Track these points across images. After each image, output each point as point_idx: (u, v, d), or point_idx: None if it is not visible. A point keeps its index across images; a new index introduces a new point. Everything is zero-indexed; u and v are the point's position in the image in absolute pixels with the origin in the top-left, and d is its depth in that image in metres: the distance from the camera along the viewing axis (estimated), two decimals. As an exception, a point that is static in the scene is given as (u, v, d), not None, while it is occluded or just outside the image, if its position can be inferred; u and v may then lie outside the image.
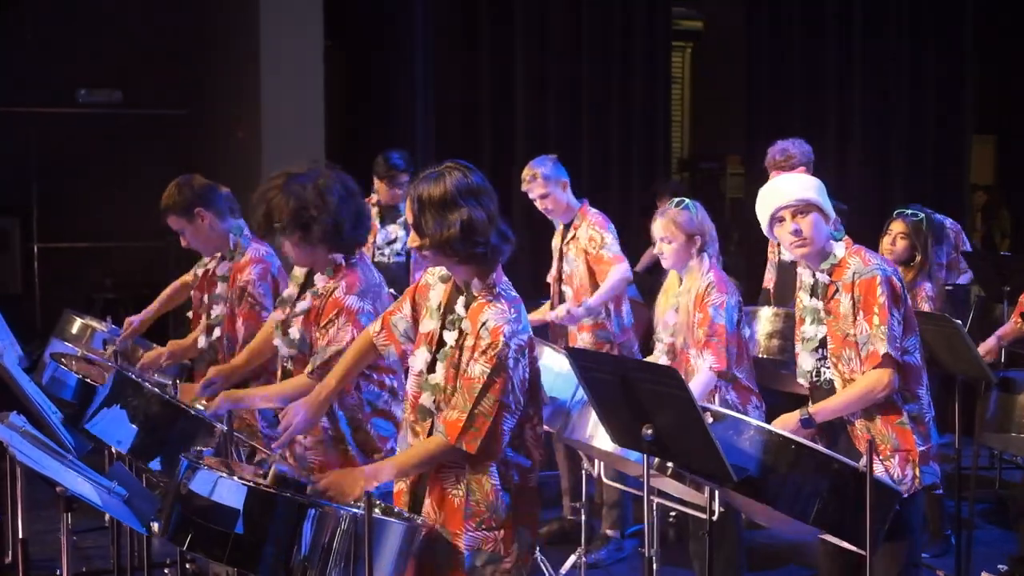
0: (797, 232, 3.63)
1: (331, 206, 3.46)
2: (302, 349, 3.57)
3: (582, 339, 5.41)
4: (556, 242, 5.65)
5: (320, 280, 3.58)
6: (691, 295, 4.34)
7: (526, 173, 5.52)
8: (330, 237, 3.48)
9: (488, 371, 2.93)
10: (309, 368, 3.50)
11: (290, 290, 3.72)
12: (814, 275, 3.72)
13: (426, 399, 3.07)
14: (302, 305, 3.60)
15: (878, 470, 3.44)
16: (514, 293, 3.08)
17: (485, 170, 9.88)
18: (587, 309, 5.29)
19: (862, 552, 3.28)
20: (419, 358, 3.11)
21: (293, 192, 3.46)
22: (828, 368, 3.69)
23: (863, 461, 3.30)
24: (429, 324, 3.12)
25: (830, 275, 3.66)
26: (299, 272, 3.72)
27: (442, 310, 3.10)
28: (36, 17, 9.38)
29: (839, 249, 3.67)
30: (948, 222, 6.67)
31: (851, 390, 3.61)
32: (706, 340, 4.23)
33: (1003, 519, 6.01)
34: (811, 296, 3.73)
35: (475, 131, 9.23)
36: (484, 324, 2.96)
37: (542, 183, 5.45)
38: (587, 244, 5.40)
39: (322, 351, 3.47)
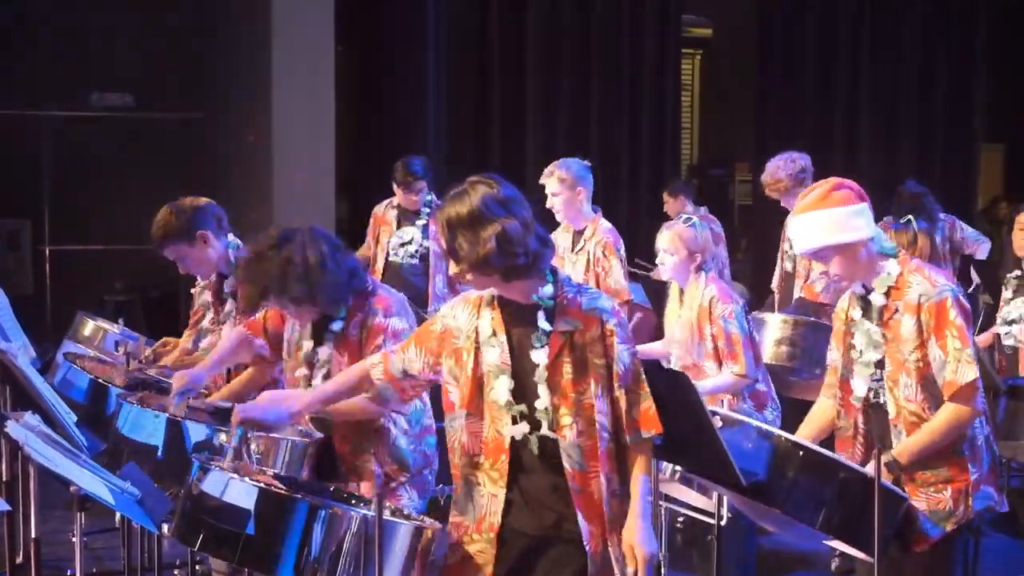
0: (826, 274, 3.63)
1: (321, 270, 3.39)
2: None
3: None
4: (565, 243, 5.60)
5: (337, 325, 3.52)
6: (693, 312, 4.42)
7: (549, 168, 5.52)
8: (330, 296, 3.45)
9: (632, 350, 2.94)
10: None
11: (307, 347, 3.62)
12: (868, 294, 3.47)
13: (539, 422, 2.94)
14: (324, 354, 3.56)
15: (923, 506, 3.35)
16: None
17: (495, 174, 9.86)
18: None
19: (870, 559, 3.28)
20: (501, 388, 2.95)
21: (279, 265, 3.37)
22: (884, 391, 3.45)
23: (870, 466, 3.30)
24: (493, 353, 2.96)
25: (887, 296, 3.41)
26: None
27: (507, 335, 2.95)
28: (49, 21, 9.43)
29: (892, 267, 3.42)
30: (941, 214, 6.62)
31: (936, 425, 3.34)
32: (728, 351, 4.31)
33: (1012, 528, 6.00)
34: (863, 314, 3.49)
35: (485, 136, 9.27)
36: (602, 310, 2.92)
37: (556, 183, 5.44)
38: (594, 263, 5.44)
39: None
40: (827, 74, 10.21)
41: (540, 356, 2.91)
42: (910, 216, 5.23)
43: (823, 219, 3.39)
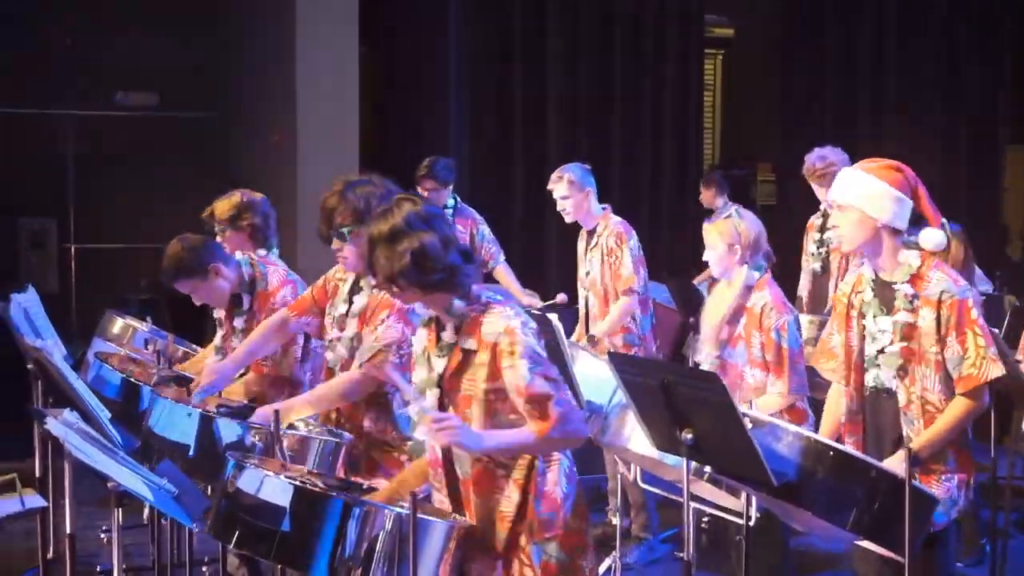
0: (834, 227, 3.66)
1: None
2: (351, 352, 3.64)
3: (612, 343, 5.52)
4: (580, 247, 5.81)
5: (368, 283, 3.62)
6: (727, 303, 4.33)
7: (555, 174, 5.74)
8: None
9: (528, 364, 2.91)
10: (357, 363, 3.56)
11: (340, 309, 3.74)
12: (891, 284, 3.54)
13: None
14: (359, 303, 3.65)
15: (935, 491, 3.41)
16: (499, 296, 3.05)
17: (517, 175, 10.04)
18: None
19: (900, 559, 3.29)
20: (430, 402, 3.05)
21: (358, 196, 3.53)
22: (894, 379, 3.54)
23: (901, 467, 3.31)
24: (420, 372, 3.08)
25: (911, 286, 3.50)
26: (343, 288, 3.76)
27: (427, 353, 3.06)
28: (74, 21, 9.49)
29: (913, 258, 3.51)
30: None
31: (951, 418, 3.46)
32: (775, 366, 4.21)
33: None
34: (878, 302, 3.56)
35: (508, 137, 9.29)
36: (492, 333, 2.94)
37: (566, 186, 5.65)
38: (607, 254, 5.57)
39: (369, 346, 3.54)
40: (850, 74, 10.19)
41: (438, 365, 3.01)
42: (943, 220, 5.21)
43: (869, 182, 3.52)
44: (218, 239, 4.50)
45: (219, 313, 4.48)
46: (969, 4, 10.27)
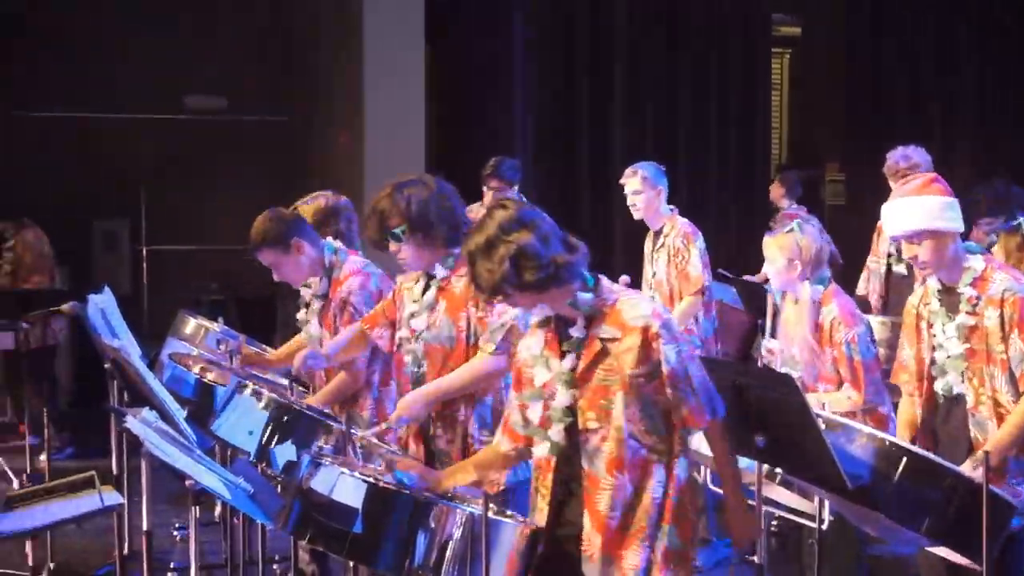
0: (914, 259, 3.61)
1: (447, 204, 3.55)
2: (441, 340, 3.59)
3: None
4: (647, 247, 5.81)
5: (441, 271, 3.61)
6: (804, 327, 4.24)
7: (629, 169, 5.75)
8: (453, 234, 3.54)
9: (676, 349, 2.92)
10: (490, 347, 3.50)
11: (409, 308, 3.72)
12: (956, 290, 3.58)
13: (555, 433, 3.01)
14: (428, 297, 3.64)
15: (1008, 494, 3.36)
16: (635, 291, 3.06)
17: (582, 174, 9.98)
18: None
19: (977, 567, 3.25)
20: (535, 412, 3.03)
21: (407, 196, 3.54)
22: (962, 383, 3.55)
23: (977, 472, 3.27)
24: (543, 375, 3.03)
25: (974, 288, 3.53)
26: (415, 288, 3.74)
27: (546, 353, 3.02)
28: (144, 26, 9.65)
29: (977, 262, 3.55)
30: None
31: (1018, 419, 3.44)
32: (850, 378, 4.12)
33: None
34: (945, 309, 3.59)
35: (573, 137, 9.29)
36: (634, 318, 2.92)
37: (640, 181, 5.67)
38: (674, 254, 5.57)
39: (495, 328, 3.49)
40: (918, 71, 10.05)
41: (568, 362, 2.97)
42: (1021, 219, 5.13)
43: (923, 204, 3.56)
44: (328, 240, 4.49)
45: (306, 294, 4.49)
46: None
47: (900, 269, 6.09)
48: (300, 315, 4.50)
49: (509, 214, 2.92)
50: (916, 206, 3.56)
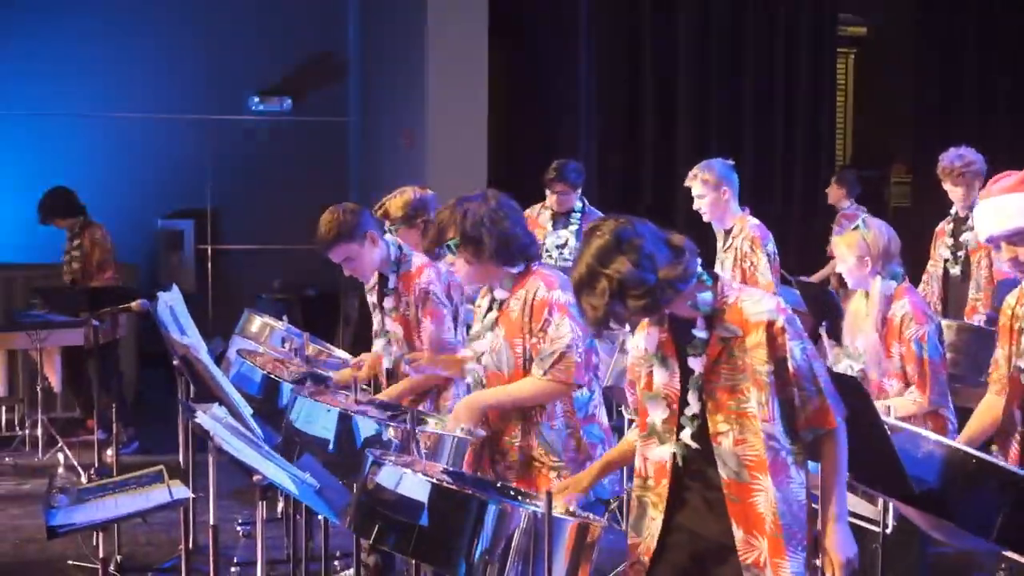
0: (1013, 260, 3.54)
1: (502, 222, 3.50)
2: (500, 366, 3.58)
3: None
4: (719, 245, 5.71)
5: (501, 294, 3.59)
6: (872, 320, 4.22)
7: (692, 171, 5.60)
8: (503, 252, 3.50)
9: (801, 345, 2.85)
10: (540, 371, 3.47)
11: (476, 328, 3.71)
12: None
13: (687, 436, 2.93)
14: (488, 320, 3.62)
15: None
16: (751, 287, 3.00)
17: (646, 175, 9.94)
18: None
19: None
20: (658, 414, 2.98)
21: (464, 210, 3.51)
22: None
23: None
24: (661, 375, 2.98)
25: None
26: (483, 305, 3.73)
27: (662, 353, 2.96)
28: (209, 29, 9.79)
29: None
30: None
31: None
32: (917, 378, 4.11)
33: None
34: None
35: (637, 137, 9.27)
36: (757, 314, 2.85)
37: (700, 184, 5.53)
38: (741, 258, 5.45)
39: (547, 353, 3.45)
40: (988, 71, 9.90)
41: (696, 364, 2.90)
42: None
43: (1019, 201, 3.42)
44: (388, 237, 4.52)
45: (372, 298, 4.51)
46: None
47: (956, 272, 6.00)
48: (375, 325, 4.51)
49: (604, 242, 2.77)
50: (1011, 203, 3.44)
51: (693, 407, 2.91)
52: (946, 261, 6.08)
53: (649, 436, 3.01)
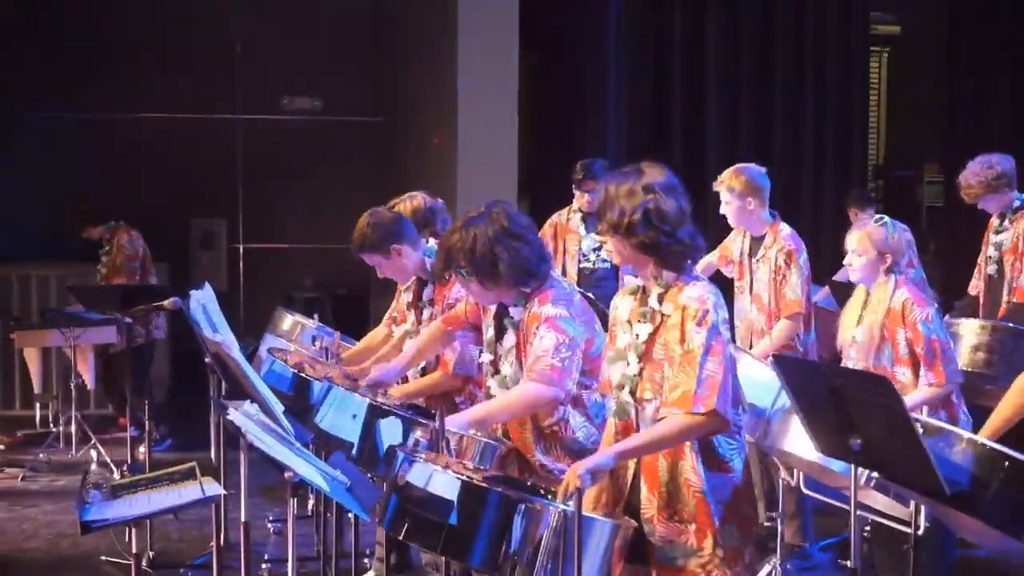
0: None
1: (512, 243, 3.50)
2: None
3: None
4: (735, 248, 5.54)
5: (517, 313, 3.59)
6: (878, 315, 4.24)
7: (723, 175, 5.41)
8: (515, 273, 3.51)
9: (705, 335, 2.98)
10: (526, 376, 3.50)
11: (490, 334, 3.73)
12: None
13: (624, 395, 3.13)
14: (508, 342, 3.63)
15: None
16: (709, 284, 3.12)
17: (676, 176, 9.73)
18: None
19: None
20: (616, 371, 3.17)
21: (472, 235, 3.51)
22: None
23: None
24: (624, 339, 3.17)
25: None
26: (491, 312, 3.75)
27: (628, 319, 3.17)
28: (242, 29, 9.85)
29: None
30: None
31: None
32: (926, 359, 4.13)
33: None
34: None
35: (666, 138, 9.24)
36: (689, 298, 3.03)
37: (725, 191, 5.34)
38: (775, 271, 5.29)
39: (532, 361, 3.47)
40: (1021, 68, 9.81)
41: (641, 330, 3.10)
42: None
43: None
44: (431, 243, 4.52)
45: (408, 297, 4.54)
46: None
47: (992, 271, 5.95)
48: (408, 325, 4.52)
49: (661, 176, 3.05)
50: None
51: (633, 368, 3.10)
52: (988, 258, 6.04)
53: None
